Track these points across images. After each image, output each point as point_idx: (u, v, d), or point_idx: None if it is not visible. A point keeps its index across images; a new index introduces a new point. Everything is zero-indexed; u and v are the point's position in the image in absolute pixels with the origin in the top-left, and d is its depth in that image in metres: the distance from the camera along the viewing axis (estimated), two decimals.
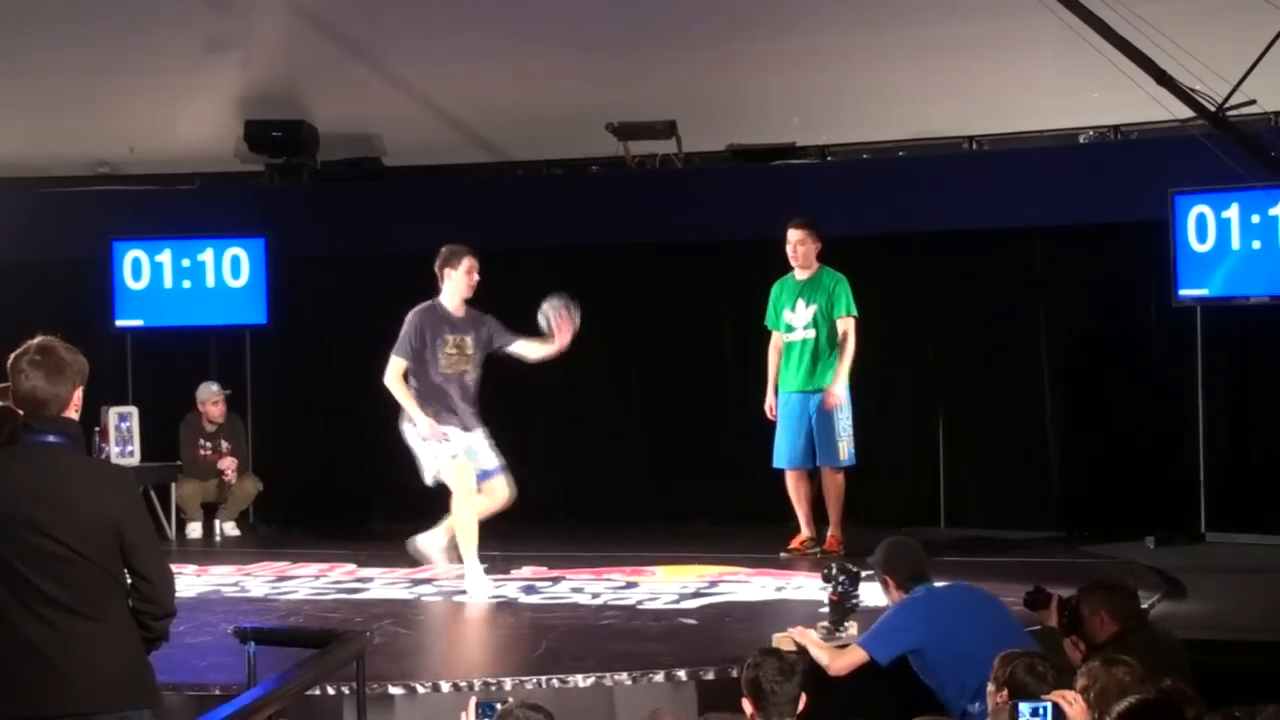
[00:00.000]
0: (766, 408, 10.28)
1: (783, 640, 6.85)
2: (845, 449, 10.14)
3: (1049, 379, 11.65)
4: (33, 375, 4.60)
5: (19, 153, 13.07)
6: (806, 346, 10.13)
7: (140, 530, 4.64)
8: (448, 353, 9.15)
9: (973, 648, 6.16)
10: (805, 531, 10.24)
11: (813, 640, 6.84)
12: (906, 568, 6.84)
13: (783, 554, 10.14)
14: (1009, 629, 6.58)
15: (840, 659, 6.68)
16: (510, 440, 9.48)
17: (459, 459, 9.02)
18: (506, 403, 10.27)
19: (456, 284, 9.21)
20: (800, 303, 10.17)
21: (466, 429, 9.13)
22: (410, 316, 9.20)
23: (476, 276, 9.21)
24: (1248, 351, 11.05)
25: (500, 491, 9.21)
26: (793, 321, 10.20)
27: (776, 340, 10.29)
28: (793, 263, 10.22)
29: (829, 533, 10.19)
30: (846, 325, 10.08)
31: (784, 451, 10.22)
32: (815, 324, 10.12)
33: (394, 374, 9.12)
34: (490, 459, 9.22)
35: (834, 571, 7.15)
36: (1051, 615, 6.63)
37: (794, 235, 10.17)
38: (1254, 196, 10.38)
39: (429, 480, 9.16)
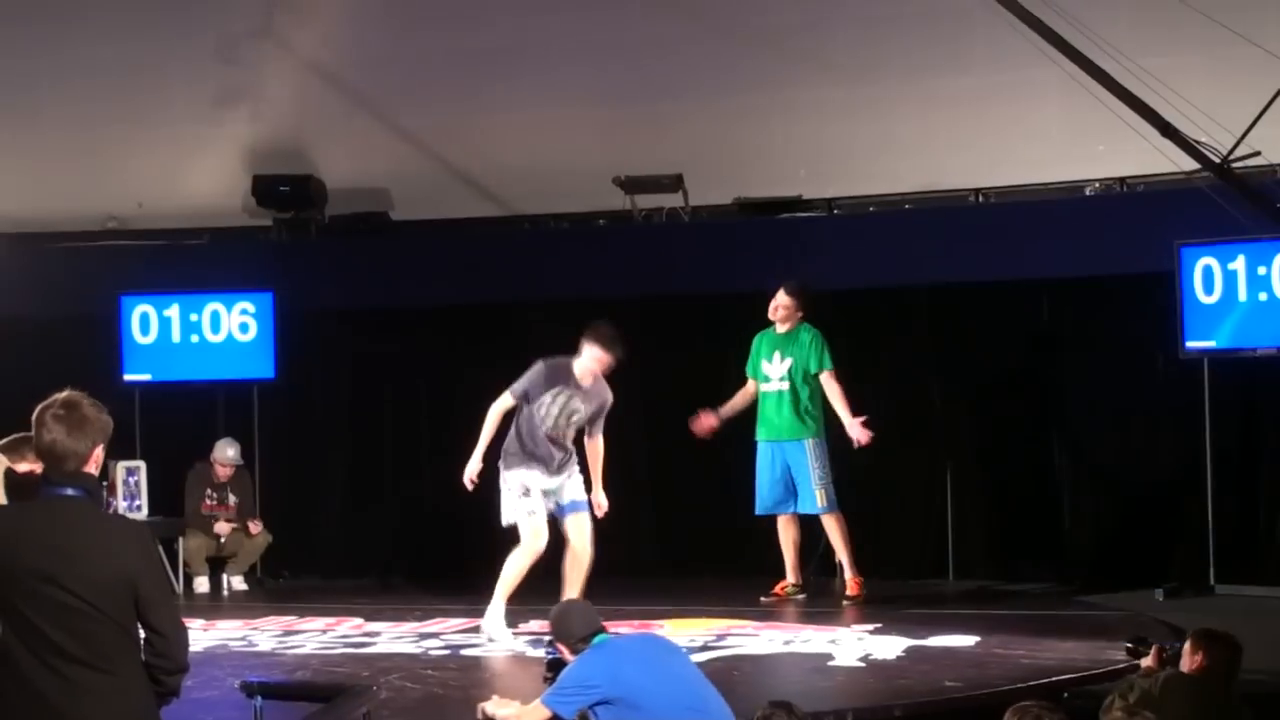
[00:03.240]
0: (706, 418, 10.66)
1: (480, 709, 6.74)
2: (823, 496, 10.36)
3: (1057, 431, 11.64)
4: (55, 429, 4.60)
5: (28, 208, 13.11)
6: (782, 398, 10.51)
7: (156, 585, 4.63)
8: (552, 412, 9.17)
9: (650, 697, 6.03)
10: (790, 578, 10.49)
11: (508, 705, 6.63)
12: (577, 630, 6.63)
13: (763, 599, 10.30)
14: (691, 679, 6.43)
15: (526, 718, 6.51)
16: None
17: (537, 516, 9.13)
18: None
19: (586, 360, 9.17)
20: (777, 355, 10.55)
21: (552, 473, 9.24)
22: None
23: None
24: (1255, 403, 11.04)
25: (581, 529, 9.29)
26: (769, 373, 10.58)
27: (749, 387, 10.70)
28: (772, 317, 10.59)
29: (848, 578, 10.34)
30: (828, 378, 10.39)
31: (761, 497, 10.58)
32: (789, 377, 10.48)
33: None
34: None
35: (547, 640, 7.06)
36: (1151, 659, 6.83)
37: (782, 298, 10.55)
38: (1260, 248, 10.38)
39: (504, 521, 9.22)
